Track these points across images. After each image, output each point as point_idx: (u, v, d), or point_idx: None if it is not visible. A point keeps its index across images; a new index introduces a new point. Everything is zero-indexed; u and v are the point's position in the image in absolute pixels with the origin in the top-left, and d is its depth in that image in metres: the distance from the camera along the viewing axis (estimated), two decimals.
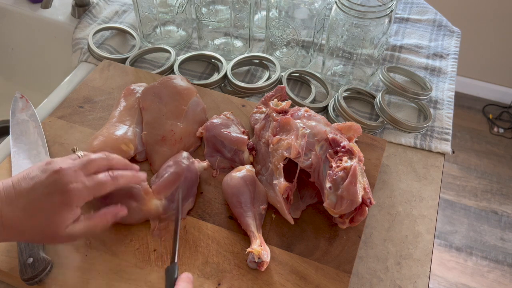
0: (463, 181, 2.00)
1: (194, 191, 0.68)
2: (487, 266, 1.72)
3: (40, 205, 0.50)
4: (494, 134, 2.19)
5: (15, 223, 0.49)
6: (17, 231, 0.50)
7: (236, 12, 0.89)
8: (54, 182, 0.50)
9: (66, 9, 1.08)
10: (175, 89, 0.77)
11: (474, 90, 2.33)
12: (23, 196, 0.50)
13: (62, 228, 0.51)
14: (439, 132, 0.84)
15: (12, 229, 0.49)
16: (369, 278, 0.64)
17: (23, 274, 0.58)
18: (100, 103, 0.83)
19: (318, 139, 0.65)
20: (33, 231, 0.50)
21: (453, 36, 1.05)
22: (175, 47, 0.98)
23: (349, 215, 0.62)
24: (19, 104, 0.80)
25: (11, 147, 0.74)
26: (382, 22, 0.81)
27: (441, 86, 0.93)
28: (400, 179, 0.77)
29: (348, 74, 0.91)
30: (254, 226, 0.63)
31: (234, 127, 0.76)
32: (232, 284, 0.60)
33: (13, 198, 0.50)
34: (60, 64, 1.10)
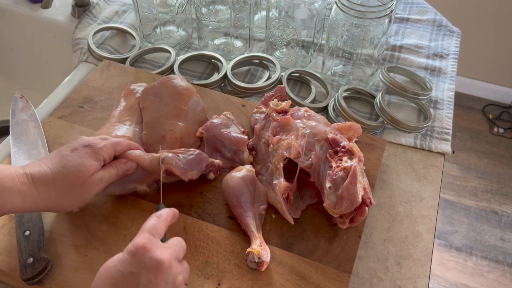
0: (463, 181, 2.00)
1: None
2: (487, 266, 1.72)
3: (68, 158, 0.58)
4: (494, 134, 2.19)
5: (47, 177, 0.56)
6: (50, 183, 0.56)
7: (236, 12, 0.89)
8: (77, 140, 0.60)
9: (66, 9, 1.08)
10: (175, 89, 0.77)
11: (474, 90, 2.33)
12: (52, 155, 0.58)
13: (89, 175, 0.57)
14: (439, 132, 0.84)
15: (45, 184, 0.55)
16: (369, 278, 0.64)
17: (23, 274, 0.58)
18: (100, 103, 0.83)
19: (318, 139, 0.65)
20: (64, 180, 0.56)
21: (453, 36, 1.05)
22: (175, 47, 0.98)
23: (349, 215, 0.62)
24: (19, 104, 0.80)
25: (11, 147, 0.74)
26: (382, 22, 0.81)
27: (441, 86, 0.93)
28: (400, 179, 0.77)
29: (348, 74, 0.91)
30: (254, 226, 0.63)
31: (234, 127, 0.76)
32: (232, 284, 0.60)
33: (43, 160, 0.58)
34: (60, 64, 1.10)
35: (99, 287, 0.47)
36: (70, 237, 0.64)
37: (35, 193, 0.55)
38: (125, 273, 0.47)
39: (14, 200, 0.53)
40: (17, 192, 0.53)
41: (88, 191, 0.59)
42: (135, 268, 0.47)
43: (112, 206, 0.67)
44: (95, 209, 0.67)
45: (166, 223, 0.53)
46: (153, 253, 0.48)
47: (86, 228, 0.65)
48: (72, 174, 0.57)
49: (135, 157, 0.64)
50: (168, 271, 0.48)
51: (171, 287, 0.49)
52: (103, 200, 0.68)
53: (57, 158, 0.58)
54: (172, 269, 0.49)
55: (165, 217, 0.54)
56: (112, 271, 0.48)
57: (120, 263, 0.48)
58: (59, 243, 0.63)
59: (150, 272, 0.47)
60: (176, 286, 0.49)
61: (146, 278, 0.47)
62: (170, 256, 0.49)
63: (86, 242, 0.63)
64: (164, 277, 0.48)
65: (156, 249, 0.48)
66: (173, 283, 0.49)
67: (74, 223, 0.65)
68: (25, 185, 0.54)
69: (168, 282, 0.48)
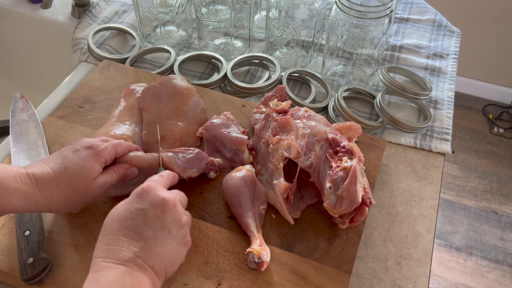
0: (463, 181, 2.00)
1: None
2: (487, 266, 1.72)
3: (71, 160, 0.58)
4: (494, 134, 2.19)
5: (50, 178, 0.56)
6: (52, 184, 0.56)
7: (236, 12, 0.89)
8: (79, 142, 0.61)
9: (66, 9, 1.08)
10: (175, 89, 0.77)
11: (474, 90, 2.33)
12: (54, 156, 0.58)
13: (92, 178, 0.58)
14: (439, 132, 0.84)
15: (47, 186, 0.55)
16: (369, 278, 0.64)
17: (23, 274, 0.58)
18: (100, 103, 0.83)
19: (318, 139, 0.65)
20: (67, 183, 0.56)
21: (453, 36, 1.05)
22: (175, 47, 0.98)
23: (349, 215, 0.62)
24: (19, 104, 0.80)
25: (11, 147, 0.74)
26: (382, 22, 0.81)
27: (441, 86, 0.93)
28: (400, 179, 0.77)
29: (348, 74, 0.91)
30: (254, 226, 0.63)
31: (234, 127, 0.76)
32: (232, 284, 0.60)
33: (45, 160, 0.58)
34: (60, 64, 1.10)
35: (108, 227, 0.49)
36: (70, 237, 0.64)
37: (37, 195, 0.55)
38: (132, 210, 0.50)
39: (16, 201, 0.53)
40: (20, 193, 0.53)
41: (90, 194, 0.59)
42: (142, 205, 0.50)
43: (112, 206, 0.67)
44: (95, 209, 0.67)
45: (167, 181, 0.57)
46: (159, 191, 0.52)
47: (86, 228, 0.65)
48: (75, 177, 0.57)
49: (135, 161, 0.64)
50: (174, 209, 0.51)
51: (177, 225, 0.51)
52: (103, 200, 0.68)
53: (59, 159, 0.58)
54: (177, 208, 0.52)
55: (166, 176, 0.57)
56: (120, 211, 0.50)
57: (128, 203, 0.51)
58: (59, 243, 0.63)
59: (157, 208, 0.50)
60: (181, 225, 0.52)
61: (153, 213, 0.50)
62: (173, 197, 0.52)
63: (86, 242, 0.63)
64: (170, 214, 0.51)
65: (161, 190, 0.52)
66: (179, 221, 0.51)
67: (74, 223, 0.65)
68: (27, 186, 0.54)
69: (175, 220, 0.51)
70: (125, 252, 0.47)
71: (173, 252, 0.51)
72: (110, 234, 0.49)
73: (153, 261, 0.48)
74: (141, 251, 0.48)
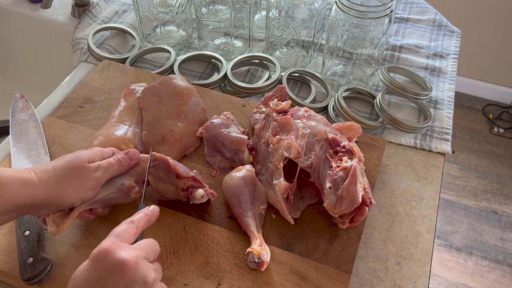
0: (463, 181, 2.00)
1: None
2: (487, 266, 1.72)
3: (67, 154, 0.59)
4: (494, 134, 2.19)
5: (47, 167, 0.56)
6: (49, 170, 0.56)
7: (236, 12, 0.89)
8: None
9: (66, 9, 1.08)
10: (175, 89, 0.77)
11: (474, 90, 2.33)
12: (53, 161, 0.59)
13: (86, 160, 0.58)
14: (439, 132, 0.84)
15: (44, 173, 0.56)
16: (369, 278, 0.64)
17: (23, 274, 0.58)
18: (100, 103, 0.83)
19: (318, 139, 0.65)
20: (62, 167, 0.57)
21: (453, 36, 1.05)
22: (175, 47, 0.98)
23: (349, 215, 0.62)
24: (19, 104, 0.80)
25: (11, 147, 0.74)
26: (382, 22, 0.81)
27: (441, 86, 0.93)
28: (400, 179, 0.77)
29: (348, 74, 0.91)
30: (254, 226, 0.63)
31: (234, 127, 0.76)
32: (232, 284, 0.60)
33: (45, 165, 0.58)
34: (60, 64, 1.10)
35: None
36: (70, 237, 0.64)
37: (35, 179, 0.55)
38: (91, 280, 0.46)
39: (14, 187, 0.53)
40: (17, 178, 0.53)
41: (86, 177, 0.58)
42: (100, 274, 0.46)
43: (112, 206, 0.67)
44: None
45: (137, 230, 0.52)
46: (117, 254, 0.46)
47: (86, 228, 0.65)
48: (70, 159, 0.58)
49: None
50: (135, 270, 0.46)
51: (142, 285, 0.47)
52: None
53: (56, 159, 0.59)
54: (140, 268, 0.47)
55: (136, 223, 0.52)
56: (79, 281, 0.46)
57: (85, 272, 0.46)
58: (59, 243, 0.63)
59: (116, 275, 0.45)
60: (148, 285, 0.47)
61: (112, 282, 0.45)
62: (135, 256, 0.47)
63: (86, 242, 0.63)
64: (131, 278, 0.46)
65: (120, 251, 0.46)
66: (144, 282, 0.47)
67: (74, 223, 0.65)
68: (24, 173, 0.55)
69: (138, 282, 0.46)
70: None
71: None
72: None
73: None
74: None
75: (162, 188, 0.65)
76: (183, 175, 0.64)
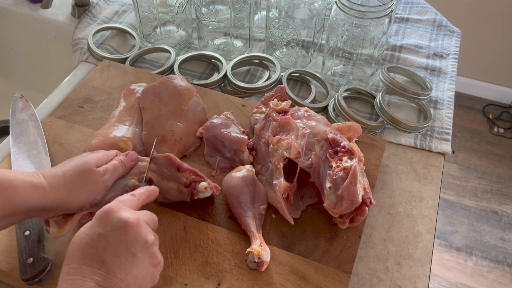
0: (463, 181, 2.00)
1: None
2: (487, 266, 1.72)
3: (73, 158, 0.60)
4: (494, 134, 2.19)
5: (56, 171, 0.57)
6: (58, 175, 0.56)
7: (236, 12, 0.89)
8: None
9: (66, 9, 1.08)
10: (175, 89, 0.77)
11: (474, 90, 2.33)
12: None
13: (93, 165, 0.59)
14: (439, 132, 0.84)
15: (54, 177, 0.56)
16: (369, 278, 0.64)
17: (23, 274, 0.58)
18: (100, 103, 0.83)
19: (318, 139, 0.65)
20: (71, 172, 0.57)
21: (453, 36, 1.05)
22: (175, 47, 0.98)
23: (349, 215, 0.62)
24: (19, 104, 0.80)
25: (11, 147, 0.74)
26: (382, 22, 0.81)
27: (441, 86, 0.93)
28: (400, 179, 0.77)
29: (348, 74, 0.91)
30: (254, 226, 0.63)
31: (234, 127, 0.76)
32: (232, 284, 0.60)
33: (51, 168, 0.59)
34: (60, 64, 1.10)
35: (70, 255, 0.48)
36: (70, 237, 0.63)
37: (45, 184, 0.55)
38: (93, 236, 0.48)
39: (25, 191, 0.53)
40: (28, 183, 0.53)
41: (95, 181, 0.59)
42: (103, 230, 0.47)
43: None
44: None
45: (138, 202, 0.54)
46: (120, 213, 0.48)
47: None
48: (79, 164, 0.58)
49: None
50: (137, 229, 0.48)
51: (142, 246, 0.48)
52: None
53: (63, 162, 0.60)
54: (142, 228, 0.49)
55: (138, 196, 0.55)
56: (82, 237, 0.48)
57: (89, 228, 0.48)
58: (59, 243, 0.63)
59: (119, 232, 0.47)
60: (147, 246, 0.49)
61: (115, 238, 0.47)
62: (137, 217, 0.49)
63: None
64: (134, 236, 0.48)
65: (124, 211, 0.49)
66: (144, 242, 0.49)
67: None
68: (34, 177, 0.55)
69: (139, 241, 0.48)
70: (87, 282, 0.45)
71: (141, 275, 0.48)
72: (72, 263, 0.47)
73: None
74: (102, 279, 0.46)
75: (165, 187, 0.65)
76: (184, 167, 0.65)
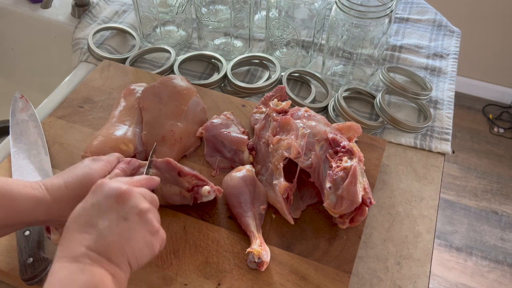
0: (463, 181, 2.00)
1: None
2: (487, 266, 1.72)
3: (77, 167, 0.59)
4: (494, 134, 2.19)
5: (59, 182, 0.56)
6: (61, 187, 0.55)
7: (236, 12, 0.89)
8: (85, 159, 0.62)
9: (66, 9, 1.08)
10: (175, 89, 0.77)
11: (474, 90, 2.33)
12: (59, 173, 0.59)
13: (98, 177, 0.58)
14: (439, 132, 0.84)
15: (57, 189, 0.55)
16: (369, 278, 0.64)
17: (23, 274, 0.58)
18: (100, 103, 0.83)
19: (318, 139, 0.65)
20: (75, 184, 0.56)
21: (453, 36, 1.05)
22: (175, 47, 0.98)
23: (349, 215, 0.62)
24: (19, 104, 0.80)
25: (11, 147, 0.74)
26: (382, 22, 0.81)
27: (441, 86, 0.93)
28: (400, 179, 0.77)
29: (348, 74, 0.91)
30: (254, 226, 0.63)
31: (234, 127, 0.76)
32: (232, 284, 0.60)
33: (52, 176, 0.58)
34: (60, 64, 1.10)
35: (66, 227, 0.48)
36: None
37: (48, 198, 0.54)
38: (86, 206, 0.49)
39: (28, 205, 0.52)
40: (31, 197, 0.53)
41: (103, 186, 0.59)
42: (96, 199, 0.49)
43: None
44: None
45: (134, 182, 0.54)
46: (112, 183, 0.50)
47: None
48: (82, 176, 0.57)
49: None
50: (129, 197, 0.49)
51: (134, 212, 0.49)
52: None
53: (65, 172, 0.59)
54: (134, 196, 0.50)
55: (137, 179, 0.55)
56: (76, 210, 0.49)
57: (84, 201, 0.50)
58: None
59: (110, 198, 0.48)
60: (141, 212, 0.49)
61: (106, 204, 0.48)
62: (129, 187, 0.50)
63: None
64: (125, 202, 0.49)
65: (116, 182, 0.50)
66: (136, 207, 0.49)
67: None
68: (37, 191, 0.54)
69: (131, 206, 0.49)
70: (77, 247, 0.45)
71: (135, 240, 0.48)
72: (66, 233, 0.47)
73: (110, 252, 0.46)
74: (93, 243, 0.46)
75: (168, 191, 0.65)
76: (184, 171, 0.65)
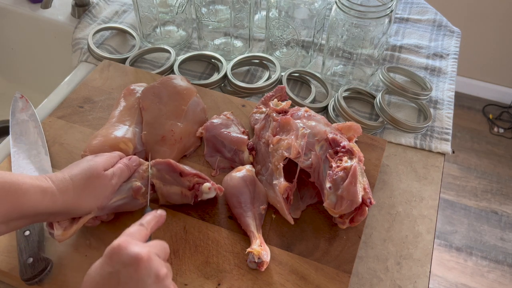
0: (463, 181, 2.00)
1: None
2: (487, 266, 1.72)
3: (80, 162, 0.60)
4: (494, 134, 2.19)
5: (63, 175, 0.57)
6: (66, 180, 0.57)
7: (236, 12, 0.89)
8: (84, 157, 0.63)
9: (66, 9, 1.08)
10: (175, 89, 0.77)
11: (474, 90, 2.33)
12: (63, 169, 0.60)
13: (102, 169, 0.60)
14: (439, 132, 0.84)
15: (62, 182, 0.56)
16: (369, 278, 0.64)
17: (23, 274, 0.58)
18: (100, 103, 0.83)
19: (318, 139, 0.65)
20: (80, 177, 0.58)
21: (453, 36, 1.05)
22: (175, 47, 0.98)
23: (349, 215, 0.62)
24: (19, 104, 0.80)
25: (11, 147, 0.74)
26: (382, 22, 0.81)
27: (441, 86, 0.93)
28: (400, 179, 0.77)
29: (348, 74, 0.91)
30: (254, 226, 0.63)
31: (234, 127, 0.76)
32: (232, 284, 0.60)
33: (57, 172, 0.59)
34: (60, 64, 1.10)
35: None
36: (73, 239, 0.64)
37: (53, 189, 0.55)
38: (104, 274, 0.46)
39: (33, 195, 0.53)
40: (37, 187, 0.53)
41: (104, 186, 0.60)
42: (113, 268, 0.46)
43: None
44: None
45: (147, 231, 0.52)
46: (130, 249, 0.47)
47: (86, 228, 0.65)
48: (86, 169, 0.59)
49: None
50: (148, 264, 0.47)
51: (154, 280, 0.47)
52: None
53: (68, 167, 0.60)
54: (153, 262, 0.47)
55: (146, 225, 0.53)
56: (93, 276, 0.47)
57: (99, 267, 0.47)
58: (59, 243, 0.63)
59: (129, 268, 0.46)
60: (160, 279, 0.48)
61: (126, 275, 0.46)
62: (148, 251, 0.48)
63: (86, 242, 0.63)
64: (144, 271, 0.47)
65: (133, 246, 0.47)
66: (156, 276, 0.47)
67: None
68: (43, 182, 0.55)
69: (151, 275, 0.47)
70: None
71: None
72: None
73: None
74: None
75: (168, 192, 0.65)
76: (186, 171, 0.65)
